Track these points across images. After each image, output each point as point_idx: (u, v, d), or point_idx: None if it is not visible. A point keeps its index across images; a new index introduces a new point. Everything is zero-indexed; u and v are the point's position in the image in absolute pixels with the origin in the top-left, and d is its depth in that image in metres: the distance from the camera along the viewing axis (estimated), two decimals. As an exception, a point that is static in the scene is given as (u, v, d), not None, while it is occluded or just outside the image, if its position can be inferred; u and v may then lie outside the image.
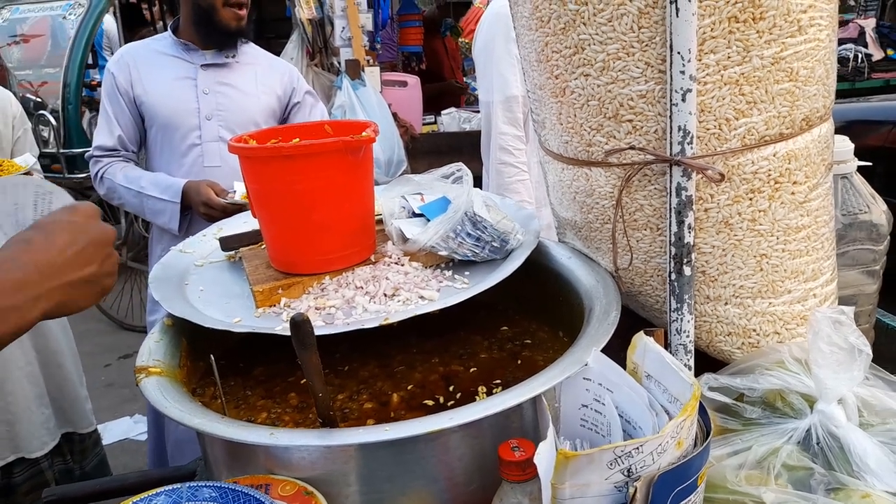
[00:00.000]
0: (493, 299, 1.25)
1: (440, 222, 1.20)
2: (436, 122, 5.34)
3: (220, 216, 1.96)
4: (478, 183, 1.49)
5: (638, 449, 0.76)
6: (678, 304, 1.07)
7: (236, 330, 1.09)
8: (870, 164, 1.41)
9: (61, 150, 4.99)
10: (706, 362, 1.14)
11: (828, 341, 0.95)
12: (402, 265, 1.21)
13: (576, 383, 0.93)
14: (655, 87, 1.01)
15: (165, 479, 1.10)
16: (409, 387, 1.18)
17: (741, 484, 0.91)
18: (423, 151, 4.55)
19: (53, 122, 4.98)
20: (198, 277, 1.31)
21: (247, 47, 2.41)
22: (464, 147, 4.11)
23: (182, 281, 1.29)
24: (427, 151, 4.58)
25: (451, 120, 5.24)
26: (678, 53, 0.96)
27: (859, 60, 7.44)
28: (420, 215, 1.28)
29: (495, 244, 1.20)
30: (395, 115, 4.20)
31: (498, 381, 1.16)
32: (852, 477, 0.91)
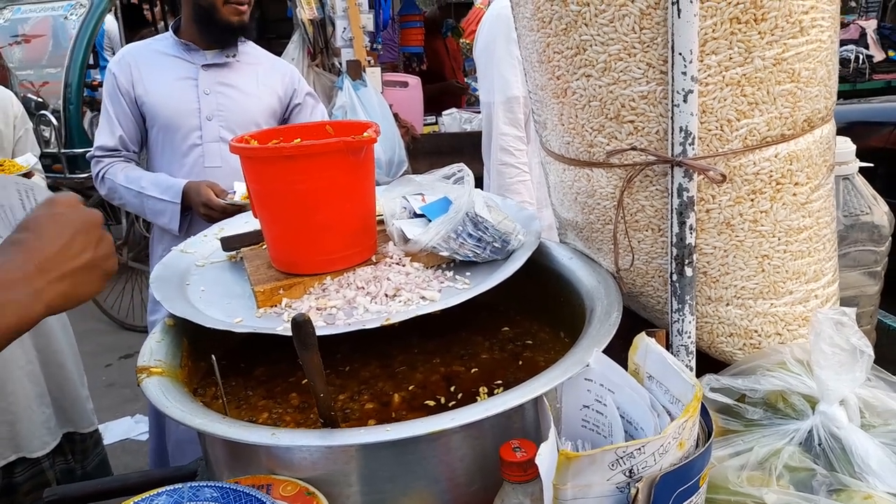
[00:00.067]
0: (495, 300, 1.25)
1: (441, 223, 1.20)
2: (437, 123, 5.34)
3: (219, 217, 1.96)
4: (479, 184, 1.49)
5: (640, 450, 0.76)
6: (680, 305, 1.07)
7: (237, 330, 1.09)
8: (871, 165, 1.41)
9: (62, 150, 5.00)
10: (708, 363, 1.14)
11: (829, 342, 0.95)
12: (404, 266, 1.21)
13: (577, 384, 0.93)
14: (657, 87, 1.01)
15: (167, 480, 1.10)
16: (410, 387, 1.18)
17: (743, 485, 0.91)
18: (424, 152, 4.55)
19: (55, 122, 4.99)
20: (199, 277, 1.31)
21: (248, 47, 2.41)
22: (465, 148, 4.11)
23: (183, 281, 1.29)
24: (428, 152, 4.58)
25: (451, 120, 5.24)
26: (680, 54, 0.96)
27: (860, 62, 7.45)
28: (421, 216, 1.28)
29: (496, 245, 1.20)
30: (396, 116, 4.20)
31: (499, 382, 1.16)
32: (854, 478, 0.91)
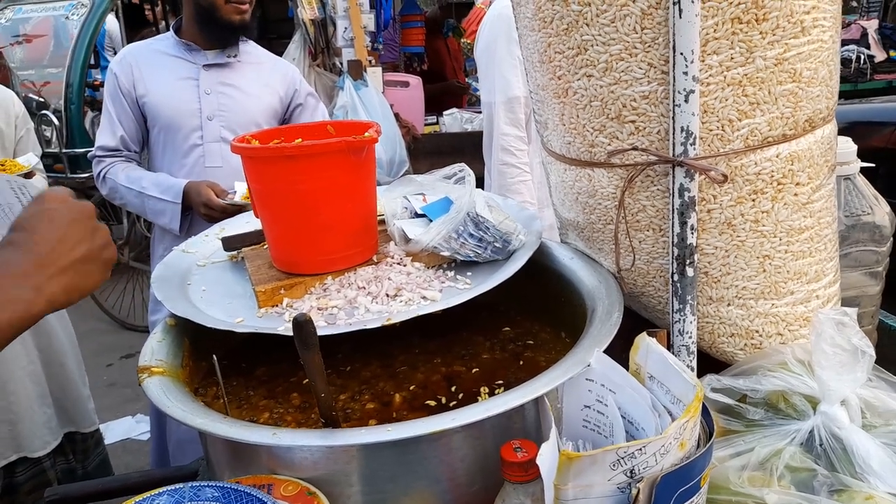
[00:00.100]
0: (496, 300, 1.25)
1: (442, 223, 1.20)
2: (438, 123, 5.34)
3: (220, 217, 1.96)
4: (480, 184, 1.49)
5: (641, 450, 0.76)
6: (681, 305, 1.07)
7: (239, 330, 1.09)
8: (872, 165, 1.41)
9: (64, 150, 5.00)
10: (709, 363, 1.14)
11: (831, 343, 0.95)
12: (405, 265, 1.21)
13: (578, 384, 0.93)
14: (658, 87, 1.01)
15: (168, 479, 1.10)
16: (411, 387, 1.18)
17: (744, 485, 0.91)
18: (425, 152, 4.55)
19: (56, 121, 4.99)
20: (200, 277, 1.31)
21: (248, 47, 2.41)
22: (466, 147, 4.12)
23: (184, 281, 1.29)
24: (429, 152, 4.58)
25: (452, 120, 5.24)
26: (681, 54, 0.96)
27: (862, 62, 7.44)
28: (422, 216, 1.28)
29: (497, 245, 1.20)
30: (397, 116, 4.20)
31: (500, 382, 1.16)
32: (855, 478, 0.91)
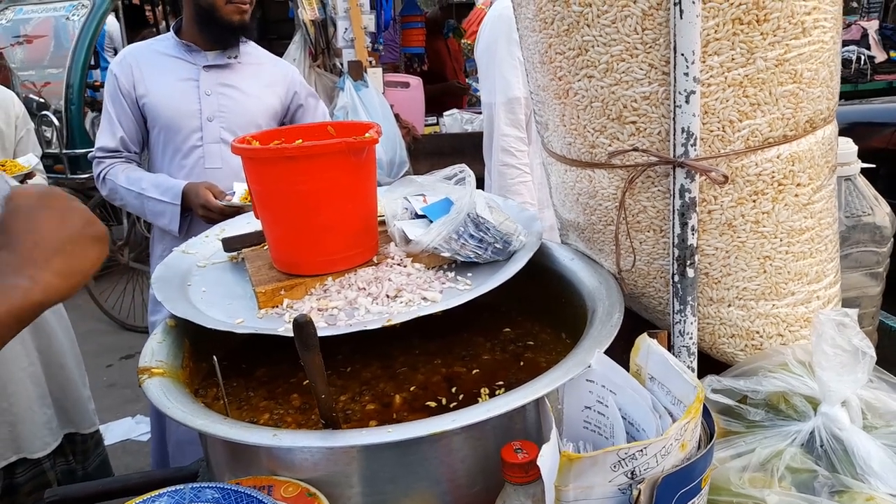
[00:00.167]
0: (496, 301, 1.25)
1: (443, 224, 1.19)
2: (438, 124, 5.34)
3: (218, 218, 1.96)
4: (480, 184, 1.49)
5: (642, 451, 0.76)
6: (681, 306, 1.07)
7: (239, 331, 1.09)
8: (873, 166, 1.41)
9: (64, 151, 5.01)
10: (709, 364, 1.14)
11: (831, 343, 0.95)
12: (405, 266, 1.21)
13: (579, 385, 0.93)
14: (659, 88, 1.01)
15: (168, 480, 1.10)
16: (411, 388, 1.18)
17: (745, 486, 0.91)
18: (425, 152, 4.55)
19: (56, 122, 5.00)
20: (200, 278, 1.31)
21: (249, 48, 2.41)
22: (466, 148, 4.11)
23: (184, 282, 1.29)
24: (429, 152, 4.58)
25: (453, 121, 5.24)
26: (682, 55, 0.96)
27: (862, 62, 7.43)
28: (423, 216, 1.28)
29: (498, 246, 1.20)
30: (397, 116, 4.20)
31: (500, 383, 1.16)
32: (856, 479, 0.91)
